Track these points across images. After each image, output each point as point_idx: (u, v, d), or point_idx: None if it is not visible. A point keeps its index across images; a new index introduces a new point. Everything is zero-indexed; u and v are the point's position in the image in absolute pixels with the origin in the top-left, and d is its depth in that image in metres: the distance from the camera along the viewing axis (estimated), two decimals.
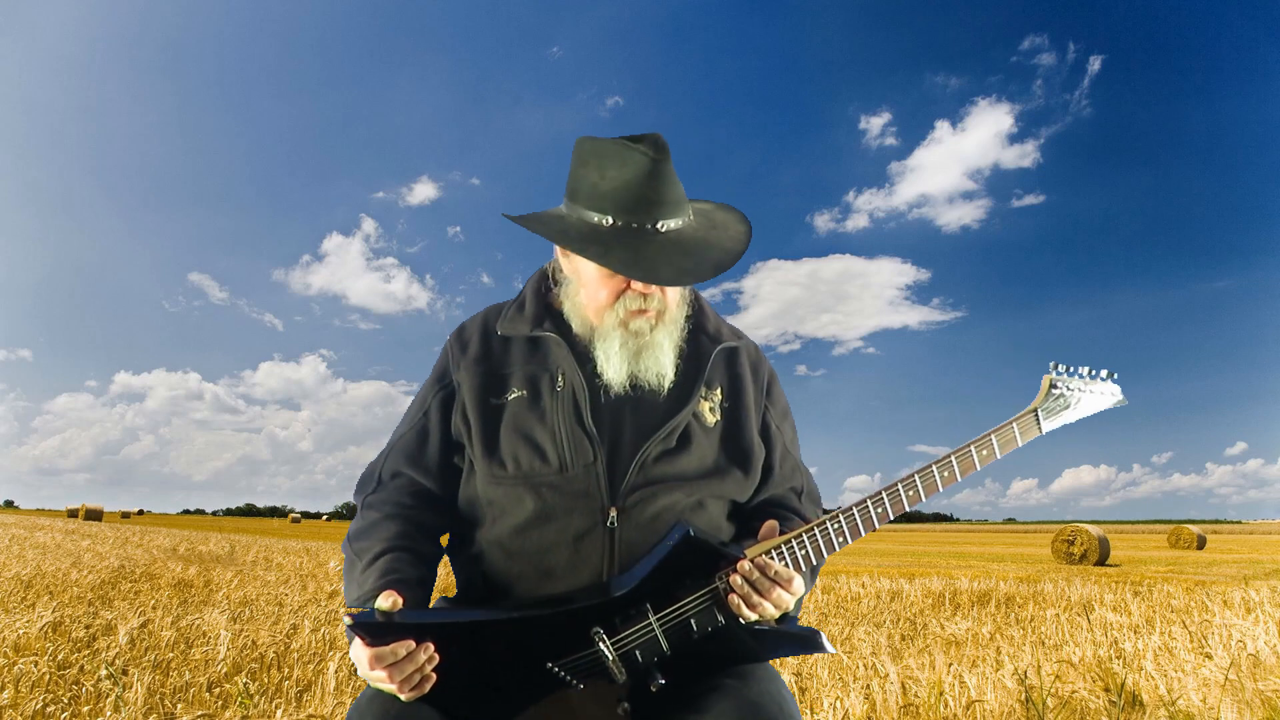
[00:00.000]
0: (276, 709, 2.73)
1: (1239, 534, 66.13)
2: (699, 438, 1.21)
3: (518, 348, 1.25)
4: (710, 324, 1.31)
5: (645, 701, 1.09)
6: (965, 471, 1.15)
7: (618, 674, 1.08)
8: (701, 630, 1.09)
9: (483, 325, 1.30)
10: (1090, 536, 18.70)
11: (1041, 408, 1.20)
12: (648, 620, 1.08)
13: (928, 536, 60.69)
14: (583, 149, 1.14)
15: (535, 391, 1.20)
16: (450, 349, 1.30)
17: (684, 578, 1.09)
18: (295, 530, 44.53)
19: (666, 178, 1.11)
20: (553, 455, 1.16)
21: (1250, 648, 3.68)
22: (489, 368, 1.24)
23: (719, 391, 1.26)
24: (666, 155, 1.11)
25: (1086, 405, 1.24)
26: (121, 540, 16.08)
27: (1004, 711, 2.81)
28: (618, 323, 1.19)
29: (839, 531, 1.13)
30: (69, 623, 4.18)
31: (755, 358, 1.34)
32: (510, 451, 1.18)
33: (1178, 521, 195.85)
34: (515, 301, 1.31)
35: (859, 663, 3.62)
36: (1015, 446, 1.19)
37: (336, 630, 4.35)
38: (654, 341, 1.19)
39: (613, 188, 1.11)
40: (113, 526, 29.26)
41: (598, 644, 1.07)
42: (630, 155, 1.10)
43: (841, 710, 2.63)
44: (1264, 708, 2.80)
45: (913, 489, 1.15)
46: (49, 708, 2.62)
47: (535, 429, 1.18)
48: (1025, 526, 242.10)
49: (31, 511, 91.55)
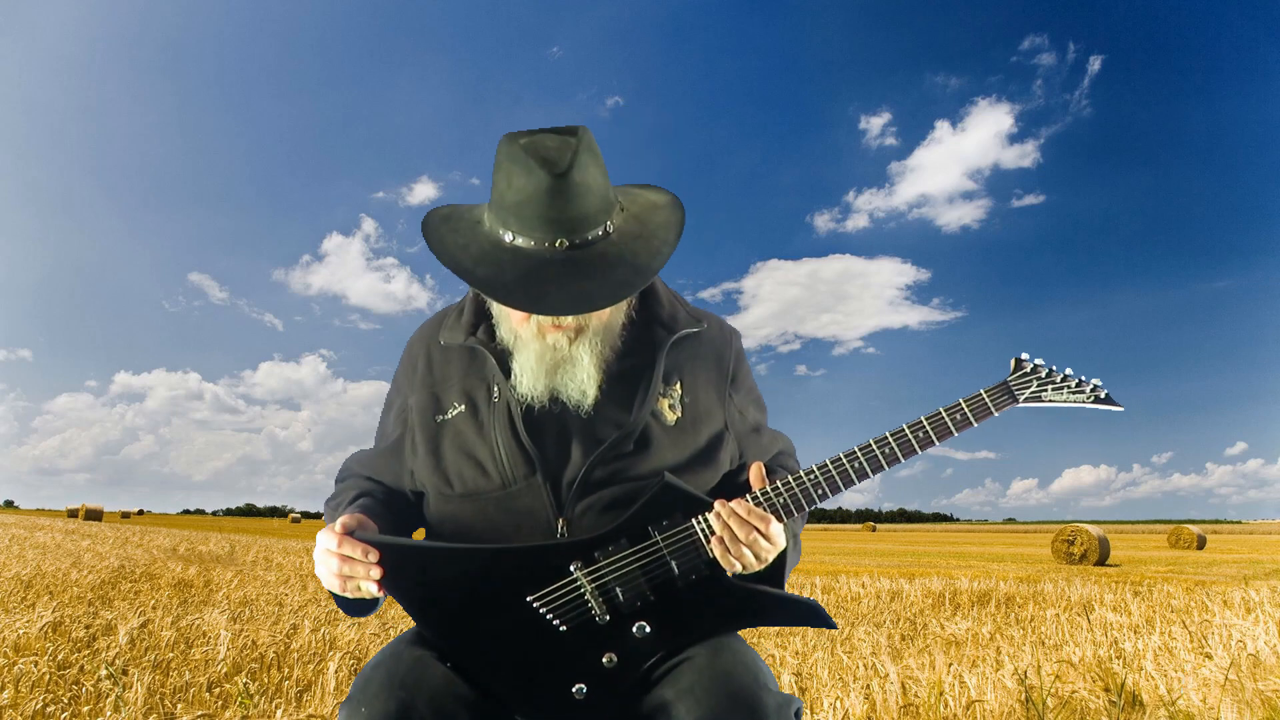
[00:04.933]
0: (276, 709, 2.73)
1: (1239, 534, 66.11)
2: (659, 437, 1.16)
3: (458, 358, 1.23)
4: (665, 311, 1.23)
5: (632, 656, 1.08)
6: (941, 434, 1.13)
7: (599, 611, 1.07)
8: (685, 576, 1.09)
9: (429, 335, 1.28)
10: (1090, 536, 18.69)
11: (1012, 381, 1.17)
12: (625, 554, 1.08)
13: (928, 536, 60.69)
14: (499, 151, 1.07)
15: (474, 406, 1.18)
16: (405, 365, 1.30)
17: (663, 520, 1.09)
18: (295, 530, 44.54)
19: (571, 192, 1.03)
20: (493, 471, 1.15)
21: (1250, 648, 3.68)
22: (432, 382, 1.23)
23: (678, 386, 1.20)
24: (575, 163, 1.02)
25: (1067, 397, 1.19)
26: (121, 540, 16.08)
27: (1004, 711, 2.81)
28: (535, 334, 1.13)
29: (816, 484, 1.13)
30: (69, 623, 4.17)
31: (720, 342, 1.26)
32: (455, 469, 1.18)
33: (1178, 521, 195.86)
34: (456, 308, 1.28)
35: (859, 663, 3.61)
36: (990, 415, 1.15)
37: (336, 630, 4.35)
38: (571, 356, 1.13)
39: (515, 201, 1.04)
40: (113, 526, 29.26)
41: (576, 575, 1.07)
42: (531, 167, 1.02)
43: (841, 710, 2.63)
44: (1264, 708, 2.80)
45: (888, 447, 1.13)
46: (49, 708, 2.62)
47: (476, 445, 1.16)
48: (1025, 526, 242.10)
49: (31, 511, 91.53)
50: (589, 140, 1.07)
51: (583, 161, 1.04)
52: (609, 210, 1.09)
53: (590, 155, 1.06)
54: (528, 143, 1.05)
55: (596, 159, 1.07)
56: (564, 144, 1.05)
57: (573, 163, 1.03)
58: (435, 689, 1.01)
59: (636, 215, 1.13)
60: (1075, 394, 1.18)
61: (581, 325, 1.13)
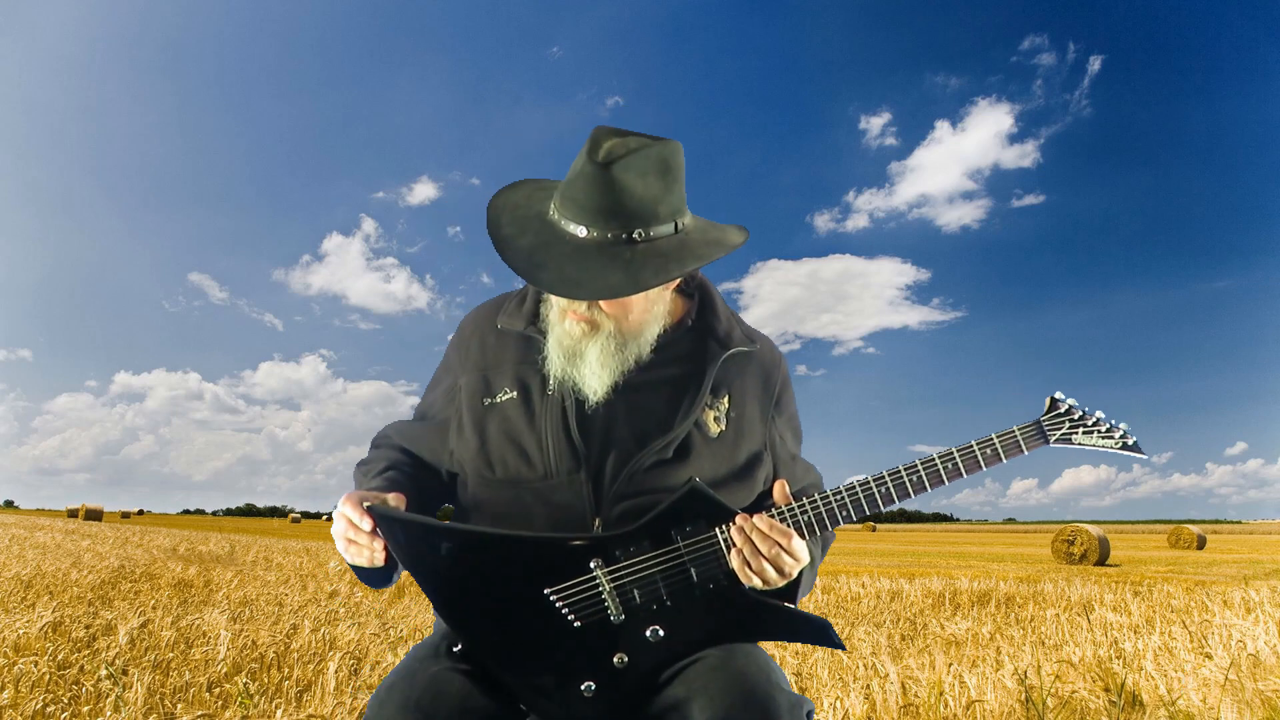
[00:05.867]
0: (276, 709, 2.72)
1: (1239, 534, 66.12)
2: (700, 448, 1.16)
3: (514, 344, 1.24)
4: (721, 326, 1.24)
5: (643, 657, 1.08)
6: (970, 468, 1.13)
7: (614, 610, 1.08)
8: (703, 584, 1.09)
9: (487, 319, 1.29)
10: (1090, 536, 18.69)
11: (1045, 421, 1.16)
12: (646, 556, 1.08)
13: (928, 536, 60.70)
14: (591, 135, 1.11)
15: (526, 393, 1.19)
16: (458, 344, 1.31)
17: (686, 525, 1.09)
18: (295, 530, 44.54)
19: (607, 184, 1.04)
20: (538, 461, 1.15)
21: (1250, 648, 3.68)
22: (484, 365, 1.24)
23: (726, 400, 1.21)
24: (624, 161, 1.03)
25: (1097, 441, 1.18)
26: (121, 540, 16.08)
27: (1004, 711, 2.81)
28: (558, 317, 1.16)
29: (841, 505, 1.12)
30: (69, 623, 4.17)
31: (770, 364, 1.28)
32: (499, 454, 1.18)
33: (1178, 521, 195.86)
34: (519, 294, 1.29)
35: (859, 663, 3.61)
36: (1020, 453, 1.14)
37: (336, 630, 4.35)
38: (580, 351, 1.14)
39: (567, 180, 1.09)
40: (113, 526, 29.26)
41: (595, 572, 1.07)
42: (585, 151, 1.06)
43: (841, 710, 2.63)
44: (1264, 708, 2.80)
45: (916, 475, 1.12)
46: (49, 708, 2.62)
47: (523, 433, 1.17)
48: (1025, 526, 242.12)
49: (31, 511, 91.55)
50: (663, 151, 1.06)
51: (634, 163, 1.04)
52: (651, 220, 1.07)
53: (649, 163, 1.05)
54: (599, 132, 1.07)
55: (662, 170, 1.06)
56: (625, 143, 1.05)
57: (621, 159, 1.03)
58: (451, 709, 1.01)
59: (684, 241, 1.09)
60: (1105, 439, 1.17)
61: (595, 321, 1.13)
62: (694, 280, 1.30)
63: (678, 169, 1.08)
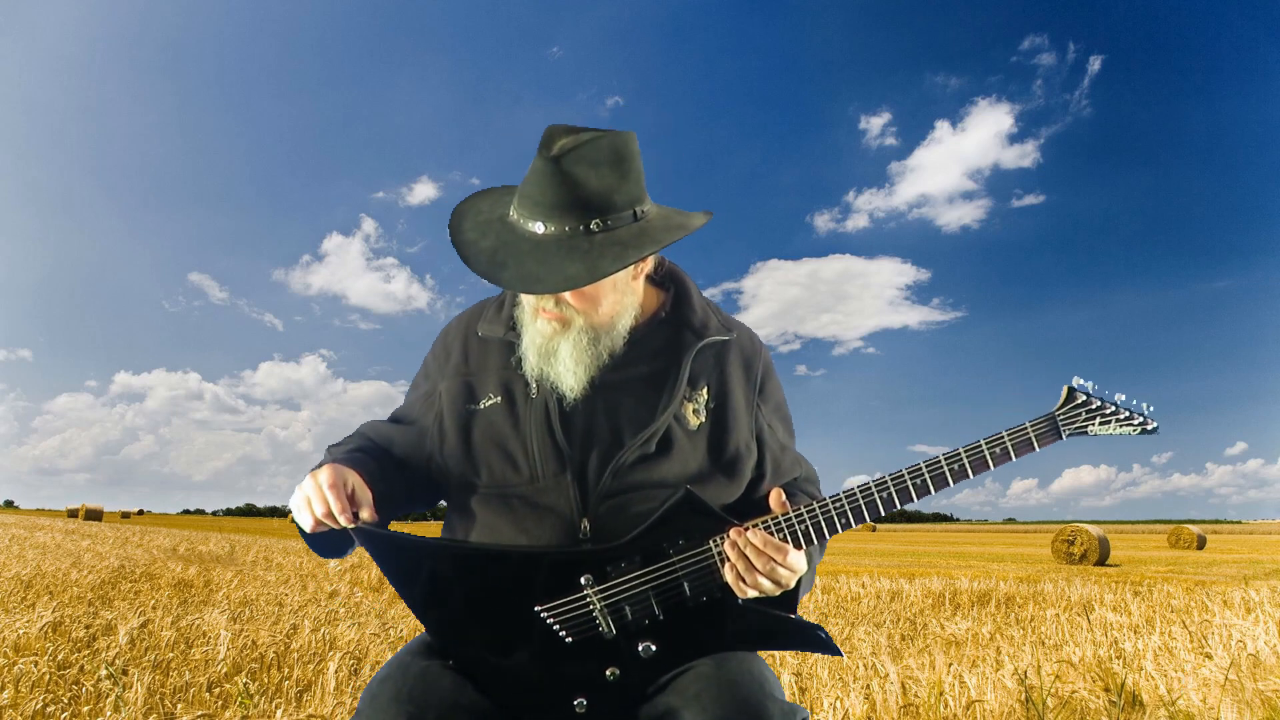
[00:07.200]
0: (276, 709, 2.72)
1: (1239, 534, 66.11)
2: (681, 441, 1.16)
3: (495, 350, 1.23)
4: (696, 317, 1.23)
5: (635, 671, 1.07)
6: (978, 469, 1.09)
7: (606, 627, 1.07)
8: (695, 597, 1.07)
9: (466, 326, 1.29)
10: (1090, 536, 18.69)
11: (1060, 414, 1.10)
12: (638, 572, 1.06)
13: (928, 536, 60.68)
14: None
15: (510, 398, 1.19)
16: (438, 351, 1.31)
17: (679, 538, 1.08)
18: (295, 530, 44.39)
19: (559, 179, 1.03)
20: (524, 465, 1.15)
21: (1250, 648, 3.68)
22: (466, 371, 1.23)
23: (705, 391, 1.19)
24: (572, 154, 1.03)
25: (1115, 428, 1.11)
26: (121, 540, 16.08)
27: (1004, 711, 2.81)
28: (530, 316, 1.17)
29: (841, 513, 1.09)
30: (69, 623, 4.17)
31: (749, 351, 1.26)
32: (485, 460, 1.18)
33: (1178, 521, 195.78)
34: (497, 300, 1.29)
35: (859, 663, 3.61)
36: (1031, 450, 1.09)
37: (336, 630, 4.35)
38: (553, 349, 1.14)
39: (523, 181, 1.09)
40: (113, 526, 29.25)
41: (586, 590, 1.06)
42: (538, 152, 1.06)
43: (841, 710, 2.63)
44: (1264, 708, 2.80)
45: (920, 479, 1.09)
46: (49, 708, 2.62)
47: (508, 438, 1.17)
48: (1025, 526, 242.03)
49: (31, 511, 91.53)
50: (615, 141, 1.05)
51: (586, 154, 1.03)
52: (607, 209, 1.06)
53: (601, 153, 1.04)
54: (552, 130, 1.07)
55: (615, 160, 1.06)
56: (577, 137, 1.05)
57: (572, 152, 1.03)
58: (443, 702, 1.01)
59: (644, 228, 1.09)
60: (1124, 424, 1.10)
61: (565, 318, 1.13)
62: (664, 268, 1.29)
63: (631, 157, 1.08)
